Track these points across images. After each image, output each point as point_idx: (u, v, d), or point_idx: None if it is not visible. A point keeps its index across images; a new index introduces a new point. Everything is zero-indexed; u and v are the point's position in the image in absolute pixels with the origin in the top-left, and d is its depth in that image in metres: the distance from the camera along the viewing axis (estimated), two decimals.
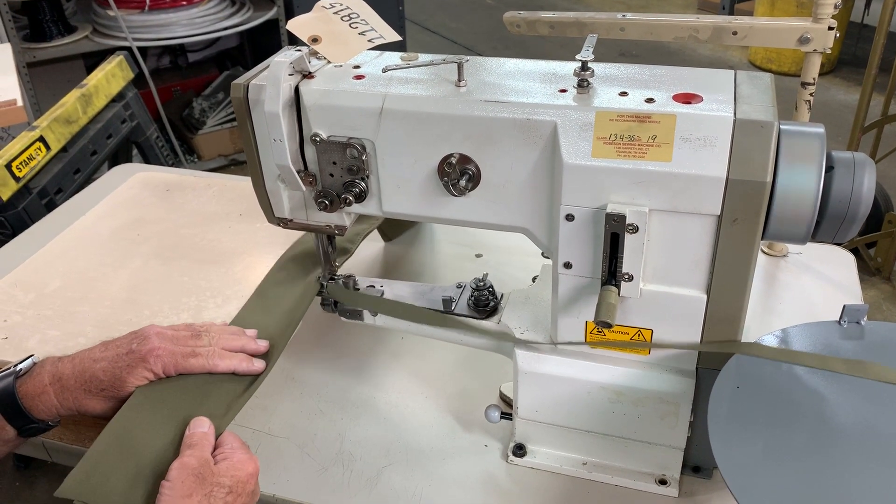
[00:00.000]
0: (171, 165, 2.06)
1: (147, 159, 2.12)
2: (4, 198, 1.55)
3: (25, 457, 1.87)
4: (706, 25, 1.02)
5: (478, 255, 1.18)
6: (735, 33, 1.01)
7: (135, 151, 2.19)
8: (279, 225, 0.87)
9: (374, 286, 0.92)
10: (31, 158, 1.64)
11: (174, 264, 1.00)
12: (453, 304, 0.87)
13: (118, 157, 2.06)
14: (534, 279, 1.07)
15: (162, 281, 0.97)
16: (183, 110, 3.35)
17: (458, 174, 0.74)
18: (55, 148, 1.72)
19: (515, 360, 0.80)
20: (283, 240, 1.04)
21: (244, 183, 1.21)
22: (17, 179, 1.58)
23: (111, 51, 2.84)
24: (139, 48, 2.79)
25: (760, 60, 4.04)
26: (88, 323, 0.89)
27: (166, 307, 0.91)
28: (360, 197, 0.79)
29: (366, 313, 0.90)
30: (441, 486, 0.83)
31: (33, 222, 1.57)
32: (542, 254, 1.16)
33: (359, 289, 0.90)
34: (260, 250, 1.02)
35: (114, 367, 0.76)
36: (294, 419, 0.92)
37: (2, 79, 2.02)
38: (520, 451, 0.84)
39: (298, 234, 0.89)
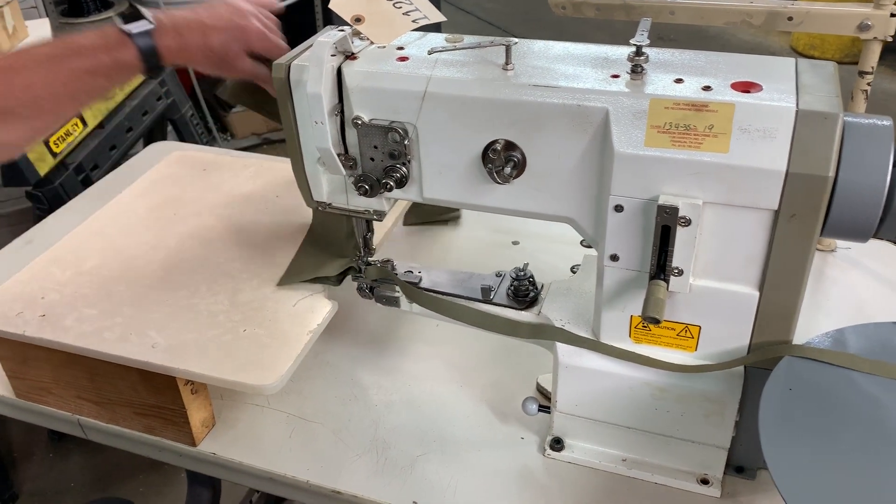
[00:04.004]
0: (206, 143, 2.06)
1: (182, 137, 2.12)
2: (42, 173, 1.56)
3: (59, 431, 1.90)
4: (760, 10, 0.98)
5: (514, 243, 1.16)
6: (790, 19, 0.97)
7: (169, 128, 2.19)
8: (318, 208, 0.85)
9: (411, 271, 0.90)
10: (68, 134, 1.64)
11: (211, 245, 0.99)
12: (492, 293, 0.85)
13: (153, 134, 2.07)
14: (573, 269, 1.05)
15: (199, 261, 0.96)
16: (216, 88, 3.35)
17: (502, 161, 0.72)
18: (92, 124, 1.73)
19: (556, 353, 0.79)
20: None
21: (281, 164, 1.20)
22: (54, 155, 1.59)
23: None
24: None
25: (802, 47, 3.94)
26: (125, 303, 0.89)
27: (203, 288, 0.91)
28: (401, 182, 0.78)
29: (402, 300, 0.89)
30: (476, 477, 0.81)
31: (69, 198, 1.58)
32: (582, 242, 1.14)
33: (396, 273, 0.89)
34: (298, 233, 1.01)
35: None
36: (328, 404, 0.91)
37: None
38: (557, 445, 0.82)
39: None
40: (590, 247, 1.13)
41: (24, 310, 0.89)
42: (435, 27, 0.81)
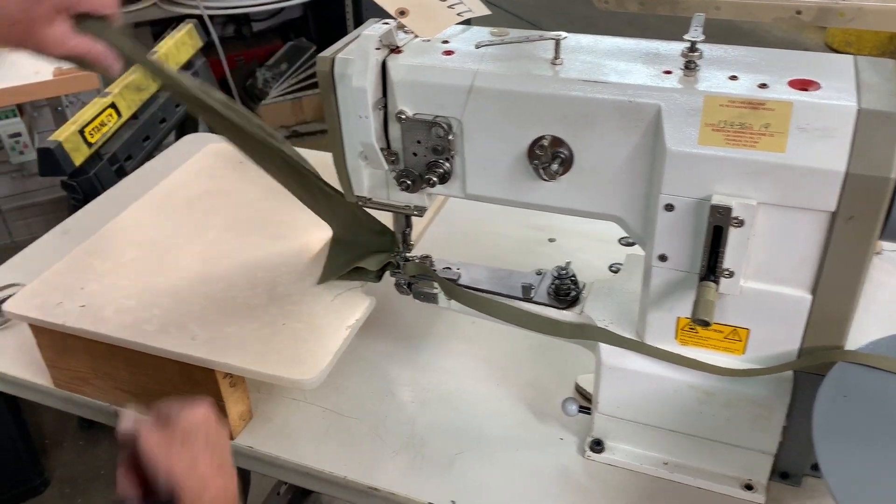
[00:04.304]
0: None
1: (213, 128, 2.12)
2: (77, 163, 1.56)
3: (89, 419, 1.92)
4: (811, 6, 0.96)
5: (551, 240, 1.15)
6: (842, 15, 0.95)
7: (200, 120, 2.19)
8: (356, 203, 0.85)
9: (450, 268, 0.89)
10: (102, 124, 1.65)
11: (248, 238, 0.99)
12: (533, 292, 0.84)
13: (185, 125, 2.07)
14: (611, 268, 1.04)
15: (236, 254, 0.96)
16: (246, 80, 3.36)
17: (549, 157, 0.71)
18: (126, 115, 1.73)
19: (599, 353, 0.77)
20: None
21: (317, 157, 1.19)
22: (89, 145, 1.60)
23: (178, 18, 2.86)
24: (201, 16, 2.80)
25: (839, 43, 3.87)
26: (163, 295, 0.89)
27: (241, 281, 0.90)
28: (444, 178, 0.77)
29: (441, 296, 0.88)
30: (515, 477, 0.80)
31: (104, 188, 1.59)
32: (620, 241, 1.12)
33: (435, 270, 0.88)
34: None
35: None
36: (364, 400, 0.90)
37: None
38: (598, 446, 0.81)
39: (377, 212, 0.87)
40: (629, 245, 1.12)
41: (64, 300, 0.89)
42: (477, 20, 0.80)
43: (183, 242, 0.98)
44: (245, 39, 3.58)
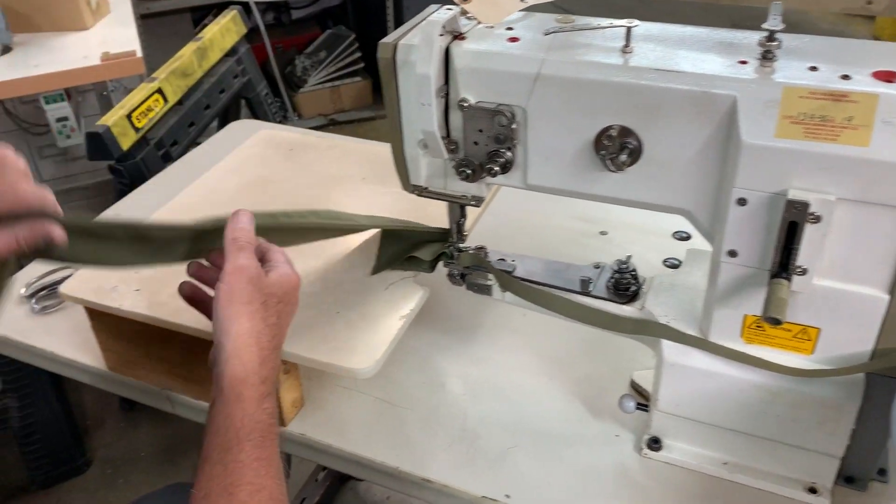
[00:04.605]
0: (278, 123, 2.07)
1: (255, 115, 2.13)
2: (124, 147, 1.58)
3: (130, 400, 1.95)
4: None
5: (602, 233, 1.13)
6: None
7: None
8: (413, 192, 0.84)
9: (504, 259, 0.88)
10: (149, 110, 1.66)
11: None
12: (591, 286, 0.82)
13: (227, 112, 2.08)
14: (665, 262, 1.02)
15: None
16: (285, 68, 3.37)
17: (617, 148, 0.69)
18: (172, 100, 1.74)
19: (661, 350, 0.76)
20: (409, 206, 1.01)
21: (365, 146, 1.19)
22: (136, 130, 1.61)
23: (219, 5, 2.87)
24: (246, 3, 2.81)
25: (888, 35, 3.77)
26: None
27: (295, 268, 0.90)
28: (505, 168, 0.75)
29: (495, 288, 0.87)
30: (570, 473, 0.79)
31: (150, 173, 1.60)
32: (674, 235, 1.10)
33: (489, 261, 0.87)
34: (387, 216, 1.00)
35: None
36: (415, 391, 0.90)
37: (122, 30, 2.06)
38: (655, 444, 0.80)
39: (429, 202, 0.86)
40: (683, 239, 1.10)
41: (120, 283, 0.90)
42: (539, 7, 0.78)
43: None
44: (284, 27, 3.59)
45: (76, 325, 0.99)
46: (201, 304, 0.76)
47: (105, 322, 0.90)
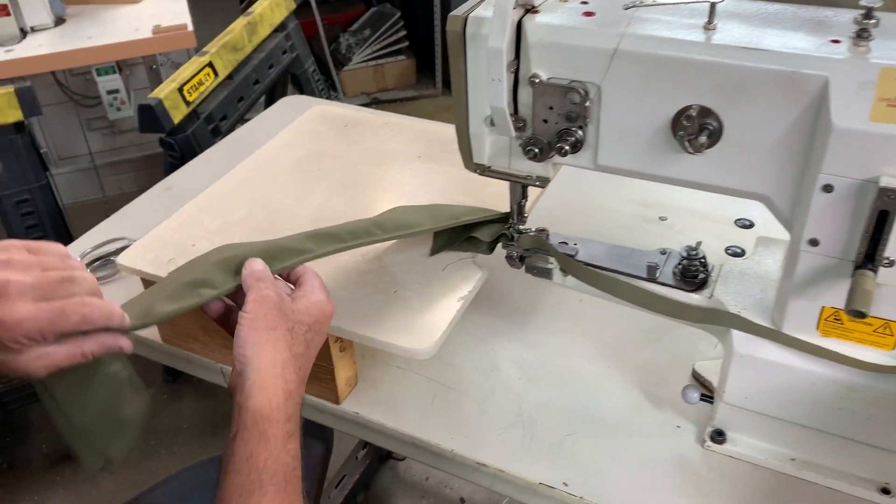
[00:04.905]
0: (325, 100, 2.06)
1: (302, 91, 2.12)
2: (176, 121, 1.58)
3: (174, 370, 1.96)
4: None
5: (662, 219, 1.10)
6: None
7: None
8: (476, 171, 0.82)
9: (566, 243, 0.86)
10: (200, 83, 1.66)
11: (356, 202, 0.98)
12: (657, 272, 0.80)
13: (275, 88, 2.08)
14: (727, 250, 0.99)
15: (344, 218, 0.94)
16: (330, 45, 3.36)
17: (696, 129, 0.66)
18: (222, 74, 1.74)
19: (730, 341, 0.73)
20: (465, 186, 0.99)
21: (421, 124, 1.17)
22: (187, 103, 1.61)
23: None
24: None
25: None
26: None
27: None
28: (576, 147, 0.73)
29: (555, 272, 0.85)
30: (629, 463, 0.77)
31: (200, 147, 1.61)
32: (737, 222, 1.07)
33: (551, 244, 0.84)
34: (442, 196, 0.98)
35: None
36: (470, 374, 0.88)
37: (172, 3, 2.07)
38: (719, 437, 0.77)
39: (491, 182, 0.83)
40: (746, 227, 1.06)
41: (176, 256, 0.89)
42: None
43: (291, 204, 0.97)
44: (329, 4, 3.58)
45: (130, 295, 0.98)
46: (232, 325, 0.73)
47: None
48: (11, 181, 1.61)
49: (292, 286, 0.74)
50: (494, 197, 0.96)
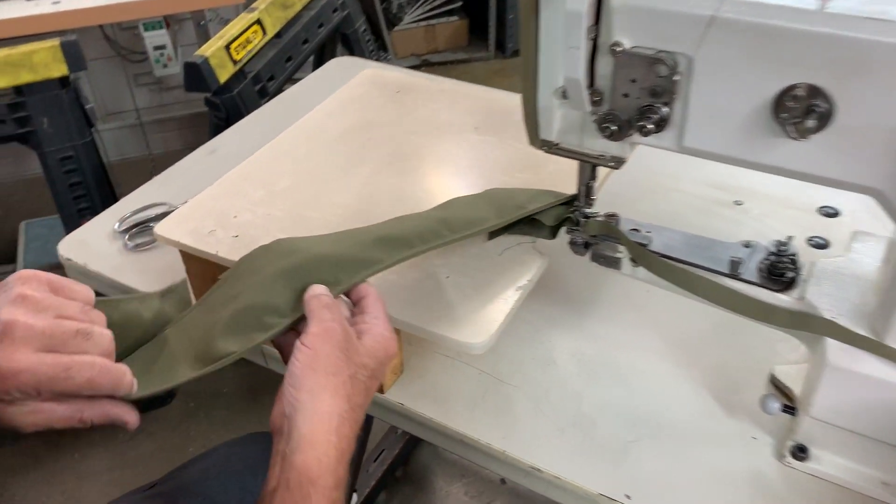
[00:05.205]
0: (375, 61, 1.98)
1: (352, 52, 2.05)
2: (222, 80, 1.53)
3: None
4: None
5: (737, 203, 1.01)
6: None
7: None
8: (541, 148, 0.74)
9: (638, 230, 0.78)
10: (248, 41, 1.60)
11: (407, 176, 0.91)
12: (741, 268, 0.72)
13: (324, 49, 2.01)
14: (810, 241, 0.90)
15: (395, 193, 0.88)
16: (381, 4, 3.26)
17: (802, 111, 0.58)
18: (270, 33, 1.68)
19: (822, 350, 0.65)
20: (526, 162, 0.92)
21: (479, 92, 1.10)
22: (234, 62, 1.55)
23: None
24: None
25: None
26: (319, 230, 0.82)
27: None
28: (660, 126, 0.65)
29: (624, 262, 0.77)
30: (698, 476, 0.70)
31: (246, 107, 1.55)
32: (820, 210, 0.98)
33: (622, 231, 0.77)
34: (499, 172, 0.91)
35: None
36: (524, 366, 0.82)
37: None
38: (801, 453, 0.70)
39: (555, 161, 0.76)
40: (831, 216, 0.97)
41: (217, 228, 0.84)
42: None
43: (338, 175, 0.91)
44: None
45: (169, 264, 0.94)
46: (284, 347, 0.65)
47: (201, 267, 0.85)
48: (55, 137, 1.58)
49: (351, 303, 0.67)
50: (556, 175, 0.89)
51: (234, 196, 0.89)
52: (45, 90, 1.54)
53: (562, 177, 0.86)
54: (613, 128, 0.66)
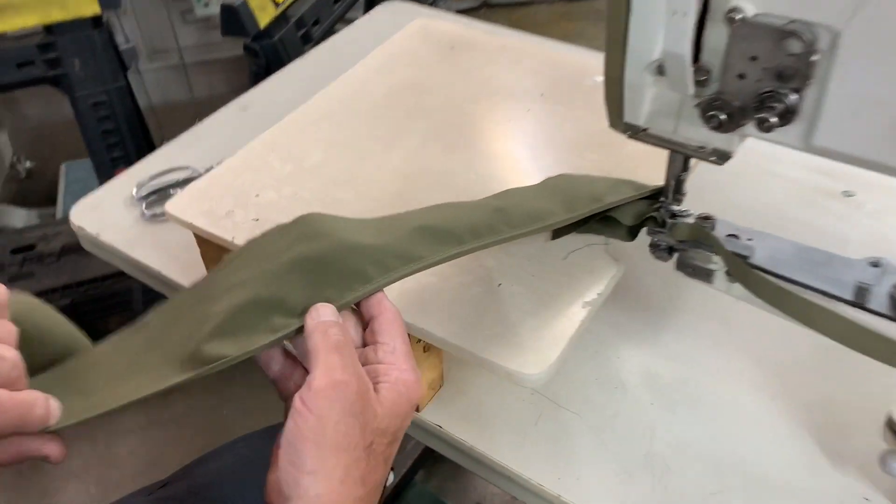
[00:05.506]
0: (429, 6, 1.82)
1: None
2: (262, 24, 1.40)
3: None
4: None
5: (847, 194, 0.85)
6: None
7: None
8: (624, 132, 0.60)
9: (737, 236, 0.63)
10: None
11: (458, 153, 0.77)
12: (868, 296, 0.57)
13: None
14: None
15: (442, 173, 0.75)
16: None
17: None
18: None
19: None
20: (601, 140, 0.78)
21: (547, 50, 0.94)
22: (276, 5, 1.42)
23: None
24: None
25: None
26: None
27: None
28: (785, 118, 0.50)
29: (718, 276, 0.63)
30: None
31: (288, 55, 1.42)
32: None
33: (718, 238, 0.63)
34: (567, 149, 0.77)
35: None
36: (587, 388, 0.69)
37: None
38: None
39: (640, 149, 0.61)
40: None
41: (236, 208, 0.73)
42: None
43: (378, 149, 0.78)
44: None
45: (189, 242, 0.83)
46: (281, 381, 0.53)
47: (217, 253, 0.74)
48: (87, 81, 1.49)
49: (361, 319, 0.53)
50: (635, 158, 0.74)
51: (257, 170, 0.77)
52: (77, 30, 1.44)
53: (643, 161, 0.72)
54: (722, 116, 0.52)
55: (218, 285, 0.55)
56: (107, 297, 1.68)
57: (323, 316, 0.48)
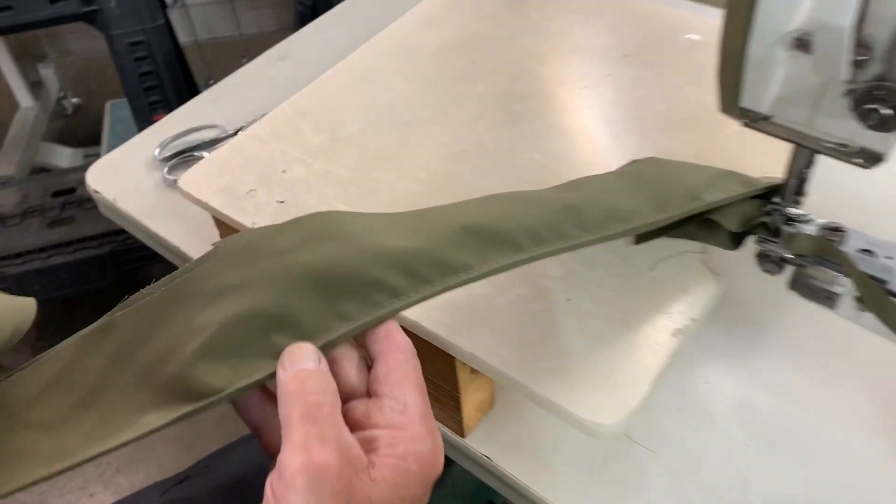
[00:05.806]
0: None
1: None
2: None
3: None
4: None
5: None
6: None
7: None
8: (738, 118, 0.47)
9: (871, 252, 0.50)
10: None
11: (522, 125, 0.65)
12: None
13: None
14: None
15: (501, 150, 0.63)
16: None
17: None
18: None
19: None
20: (697, 116, 0.64)
21: (632, 5, 0.80)
22: None
23: None
24: None
25: None
26: (393, 205, 0.59)
27: None
28: None
29: (844, 300, 0.51)
30: None
31: None
32: None
33: (848, 254, 0.50)
34: (656, 127, 0.64)
35: None
36: (666, 419, 0.58)
37: None
38: None
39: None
40: None
41: (259, 186, 0.62)
42: None
43: (425, 118, 0.66)
44: None
45: (203, 217, 0.74)
46: (264, 432, 0.42)
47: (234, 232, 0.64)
48: (124, 19, 1.39)
49: (365, 357, 0.41)
50: (739, 141, 0.61)
51: (286, 139, 0.66)
52: None
53: (749, 145, 0.59)
54: (885, 111, 0.38)
55: (205, 283, 0.43)
56: (147, 246, 1.61)
57: (297, 362, 0.37)
